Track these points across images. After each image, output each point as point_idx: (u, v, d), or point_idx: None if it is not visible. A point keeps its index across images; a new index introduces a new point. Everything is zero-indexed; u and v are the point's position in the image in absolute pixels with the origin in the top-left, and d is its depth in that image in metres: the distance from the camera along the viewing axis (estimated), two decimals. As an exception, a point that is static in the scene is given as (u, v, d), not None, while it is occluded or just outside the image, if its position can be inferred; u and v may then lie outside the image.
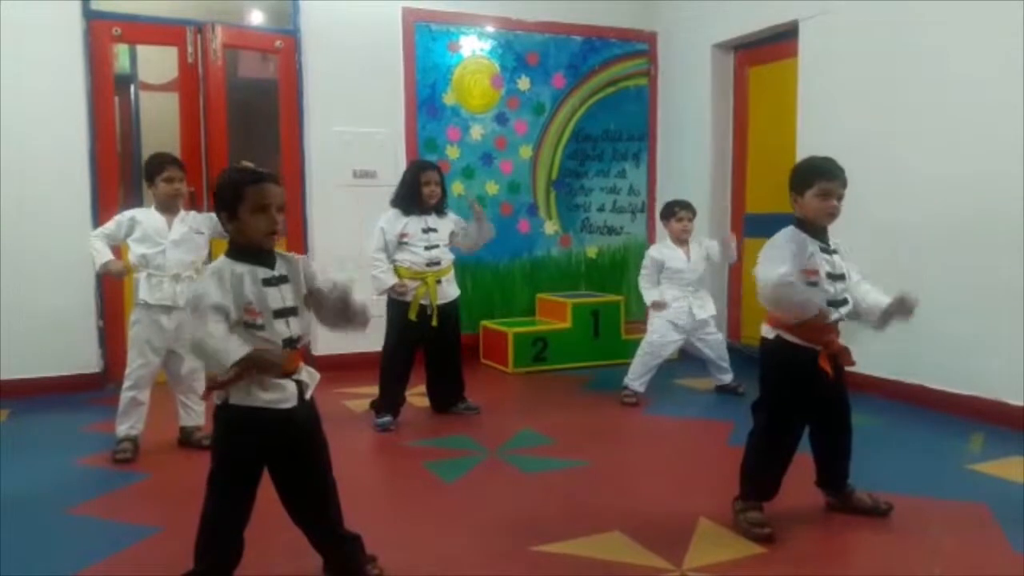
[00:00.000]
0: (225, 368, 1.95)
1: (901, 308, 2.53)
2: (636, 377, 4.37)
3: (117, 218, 3.50)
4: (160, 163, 3.48)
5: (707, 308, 4.44)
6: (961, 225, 3.95)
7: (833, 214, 2.53)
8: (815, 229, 2.56)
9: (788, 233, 2.56)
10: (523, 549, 2.46)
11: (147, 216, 3.47)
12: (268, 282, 2.05)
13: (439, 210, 3.98)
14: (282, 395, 2.05)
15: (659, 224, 4.87)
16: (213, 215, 3.64)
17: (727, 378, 4.56)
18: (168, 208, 3.48)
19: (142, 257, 3.42)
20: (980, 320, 3.87)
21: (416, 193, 3.89)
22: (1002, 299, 3.76)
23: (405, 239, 3.89)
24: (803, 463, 2.69)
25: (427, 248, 3.90)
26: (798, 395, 2.58)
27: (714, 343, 4.51)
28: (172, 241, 3.43)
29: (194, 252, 3.50)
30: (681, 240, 4.42)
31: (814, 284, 2.50)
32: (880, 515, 2.68)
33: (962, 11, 3.92)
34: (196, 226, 3.52)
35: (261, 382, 2.02)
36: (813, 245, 2.52)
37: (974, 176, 3.88)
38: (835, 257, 2.57)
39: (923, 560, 2.40)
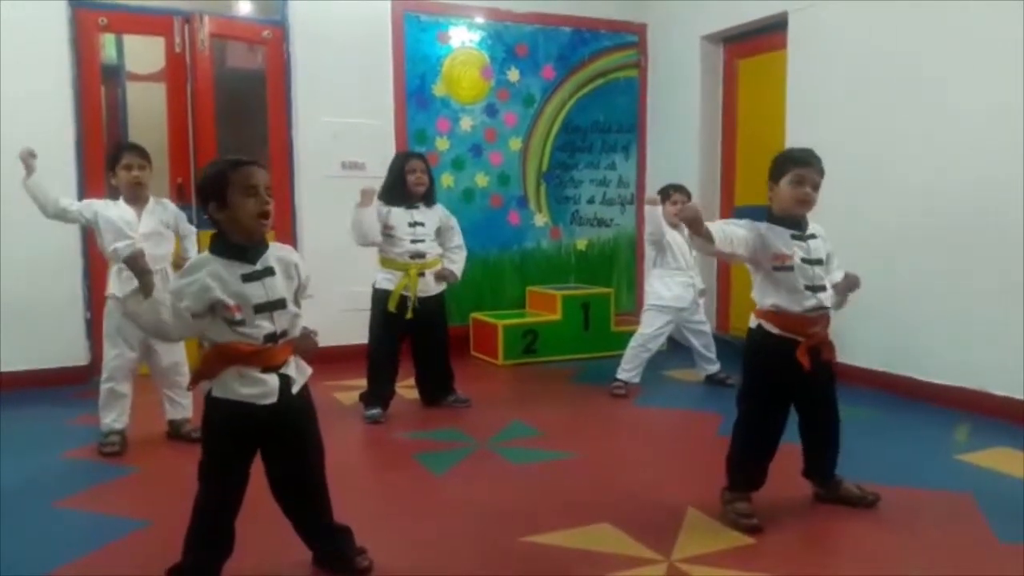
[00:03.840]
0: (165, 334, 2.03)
1: (848, 284, 2.60)
2: (629, 369, 4.39)
3: (87, 201, 3.47)
4: (118, 151, 3.44)
5: (698, 281, 4.49)
6: (949, 220, 3.97)
7: (806, 201, 2.50)
8: (789, 219, 2.54)
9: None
10: (513, 540, 2.47)
11: (116, 209, 3.41)
12: (248, 277, 2.00)
13: (427, 200, 3.97)
14: (261, 390, 2.01)
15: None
16: (177, 211, 3.60)
17: (713, 368, 4.59)
18: (134, 198, 3.42)
19: (113, 251, 3.37)
20: (966, 313, 3.89)
21: (402, 183, 3.87)
22: (987, 292, 3.79)
23: (390, 231, 3.87)
24: (791, 453, 2.70)
25: (413, 241, 3.88)
26: (777, 385, 2.58)
27: (701, 333, 4.54)
28: (142, 235, 3.37)
29: (164, 245, 3.46)
30: (673, 224, 4.43)
31: (789, 268, 2.49)
32: (867, 506, 2.69)
33: (954, 5, 3.93)
34: (165, 219, 3.48)
35: (240, 375, 2.00)
36: (781, 235, 2.51)
37: (964, 170, 3.89)
38: (811, 243, 2.55)
39: (909, 550, 2.42)
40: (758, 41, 5.35)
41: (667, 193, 4.45)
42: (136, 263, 1.98)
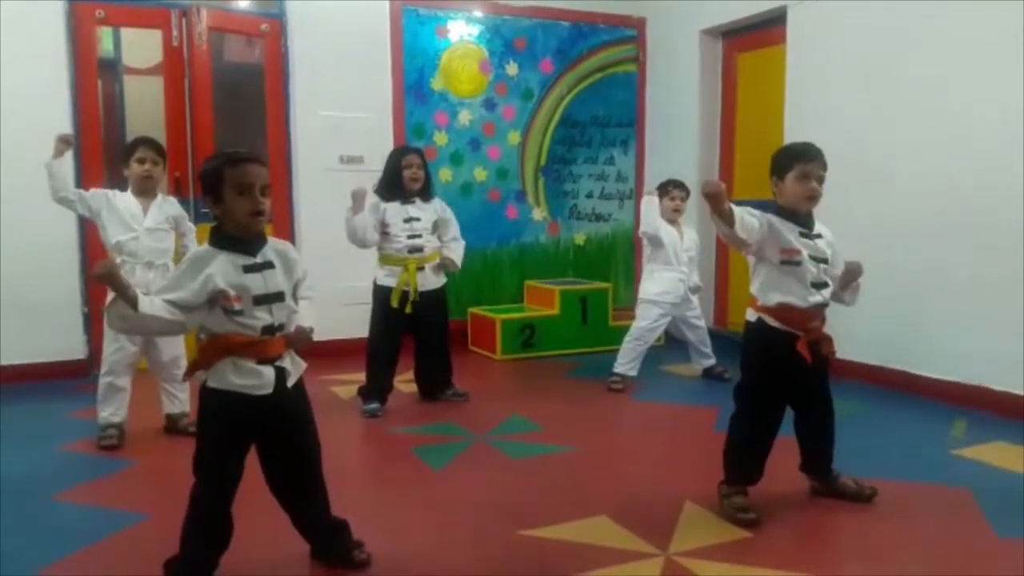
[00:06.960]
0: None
1: (851, 273, 2.61)
2: (626, 363, 4.39)
3: (95, 191, 3.47)
4: (133, 144, 3.45)
5: (693, 278, 4.50)
6: (946, 214, 3.97)
7: (813, 196, 2.51)
8: (797, 215, 2.55)
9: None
10: (510, 534, 2.47)
11: (124, 200, 3.41)
12: (249, 268, 2.02)
13: (424, 195, 3.96)
14: (257, 381, 2.02)
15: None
16: (181, 210, 3.61)
17: (709, 362, 4.60)
18: (143, 192, 3.43)
19: (116, 244, 3.37)
20: (963, 308, 3.90)
21: (398, 178, 3.87)
22: (984, 287, 3.79)
23: (385, 228, 3.87)
24: (788, 448, 2.71)
25: (409, 237, 3.88)
26: (777, 378, 2.59)
27: (697, 327, 4.55)
28: (146, 228, 3.38)
29: (168, 240, 3.47)
30: (670, 220, 4.43)
31: (797, 264, 2.49)
32: (864, 500, 2.70)
33: (954, 3, 3.91)
34: (170, 215, 3.49)
35: (236, 366, 2.00)
36: (790, 229, 2.51)
37: (961, 164, 3.89)
38: (818, 241, 2.56)
39: (906, 544, 2.43)
40: (757, 35, 5.34)
41: (665, 188, 4.45)
42: (113, 280, 1.86)
